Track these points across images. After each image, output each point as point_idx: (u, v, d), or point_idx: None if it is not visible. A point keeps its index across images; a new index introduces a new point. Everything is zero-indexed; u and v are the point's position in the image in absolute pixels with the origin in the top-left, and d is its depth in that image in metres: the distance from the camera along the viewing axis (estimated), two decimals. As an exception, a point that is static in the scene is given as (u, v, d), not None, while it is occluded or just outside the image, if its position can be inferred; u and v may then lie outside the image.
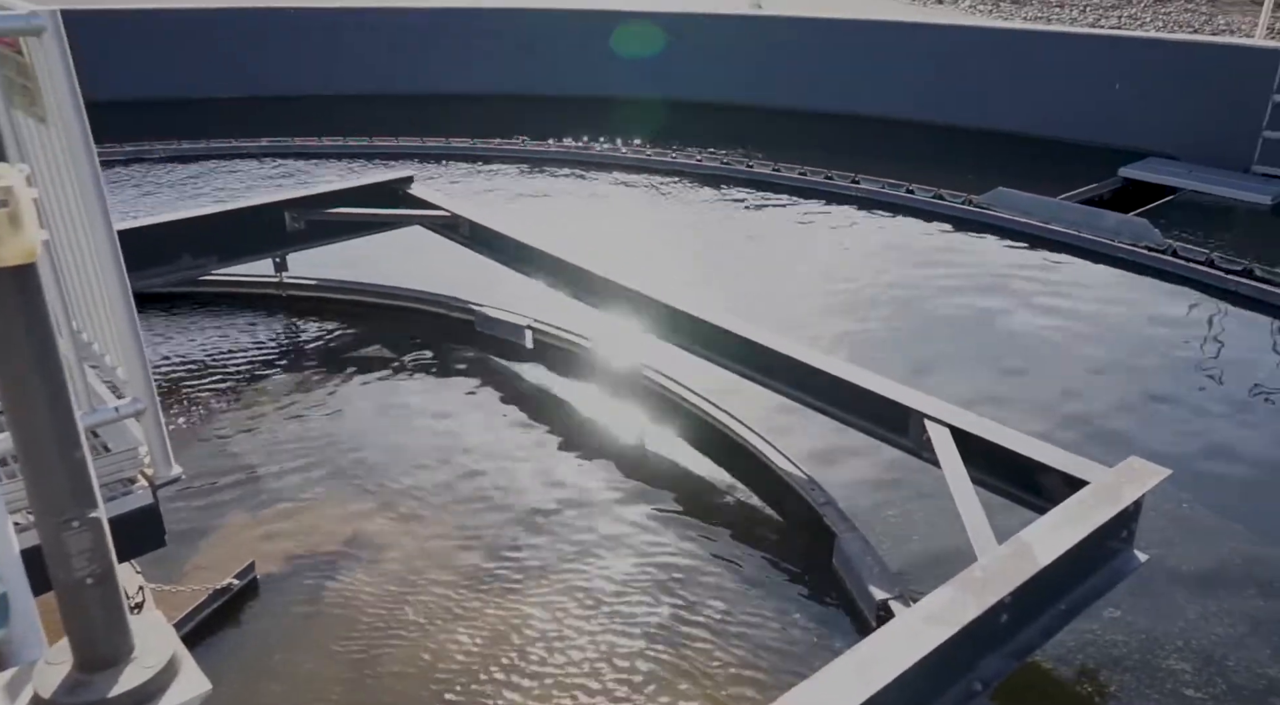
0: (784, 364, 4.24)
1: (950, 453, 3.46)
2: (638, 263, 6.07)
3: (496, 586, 3.61)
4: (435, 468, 4.38)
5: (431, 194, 6.22)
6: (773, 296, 6.50)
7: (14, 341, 1.40)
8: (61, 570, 1.52)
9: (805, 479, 4.19)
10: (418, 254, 6.44)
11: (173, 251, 5.29)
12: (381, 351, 5.59)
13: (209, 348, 5.56)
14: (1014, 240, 7.57)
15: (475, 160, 9.88)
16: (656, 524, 4.03)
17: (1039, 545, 2.82)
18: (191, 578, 3.53)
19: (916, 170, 8.92)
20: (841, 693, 2.24)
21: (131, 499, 2.27)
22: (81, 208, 2.14)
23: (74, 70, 2.00)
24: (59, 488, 1.48)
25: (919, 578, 3.65)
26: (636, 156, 9.79)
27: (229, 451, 4.48)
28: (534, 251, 5.41)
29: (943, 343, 5.82)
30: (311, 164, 9.64)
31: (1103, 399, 5.14)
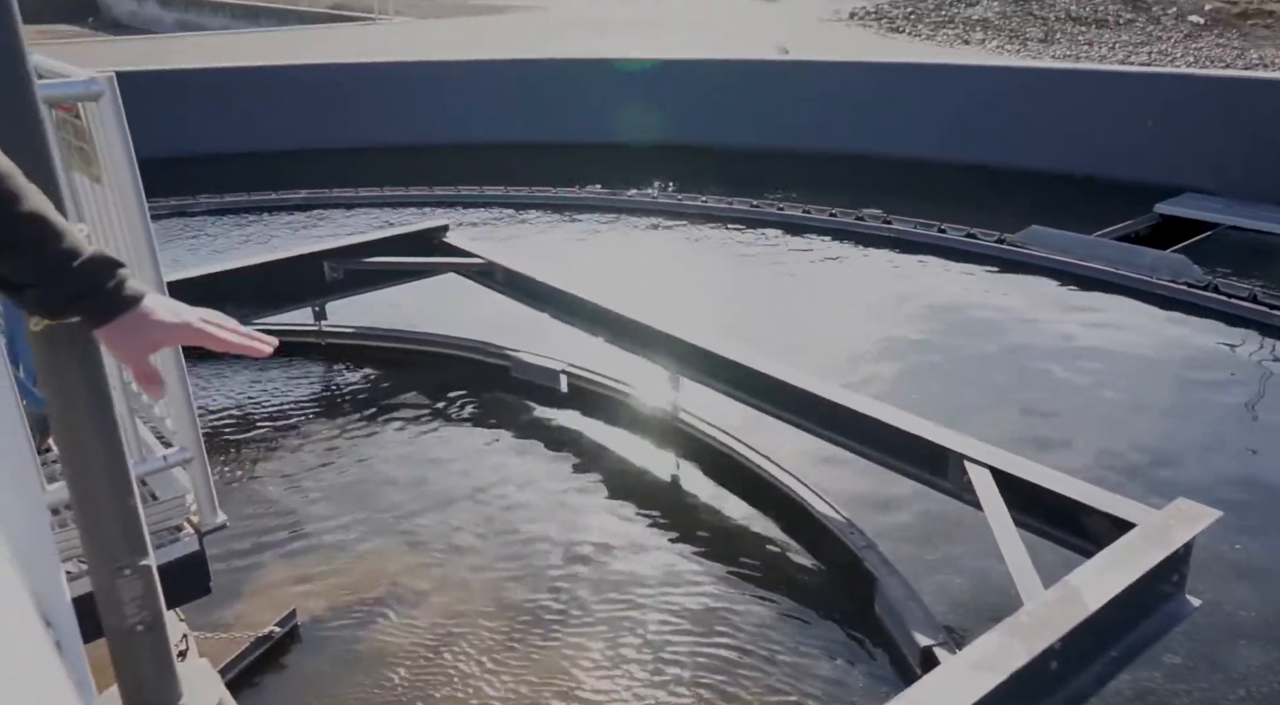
0: (820, 405, 4.22)
1: (992, 495, 3.41)
2: (671, 306, 6.10)
3: (537, 631, 3.60)
4: (472, 513, 4.39)
5: (466, 242, 6.32)
6: (806, 338, 6.49)
7: (73, 394, 1.44)
8: (113, 617, 1.54)
9: (844, 522, 4.15)
10: (454, 301, 6.52)
11: (217, 302, 5.36)
12: (419, 397, 5.65)
13: (251, 396, 5.65)
14: (1050, 278, 7.51)
15: (509, 207, 10.03)
16: (695, 569, 4.00)
17: (1087, 589, 2.76)
18: (233, 625, 3.55)
19: (948, 210, 8.92)
20: (888, 742, 2.20)
21: (179, 546, 2.31)
22: (134, 263, 2.21)
23: (129, 133, 2.08)
24: (113, 535, 1.51)
25: (964, 623, 3.58)
26: (668, 201, 9.88)
27: (269, 498, 4.53)
28: (568, 296, 5.46)
29: (980, 383, 5.76)
30: (350, 214, 9.84)
31: (1147, 439, 5.05)
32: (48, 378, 1.46)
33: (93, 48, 17.97)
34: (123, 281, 1.23)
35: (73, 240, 1.20)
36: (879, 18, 18.24)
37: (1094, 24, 16.75)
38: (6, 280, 1.19)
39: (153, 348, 1.28)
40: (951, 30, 16.62)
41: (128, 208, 2.12)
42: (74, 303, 1.22)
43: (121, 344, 1.25)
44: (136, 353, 1.26)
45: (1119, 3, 17.81)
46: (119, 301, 1.23)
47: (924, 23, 17.43)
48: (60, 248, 1.17)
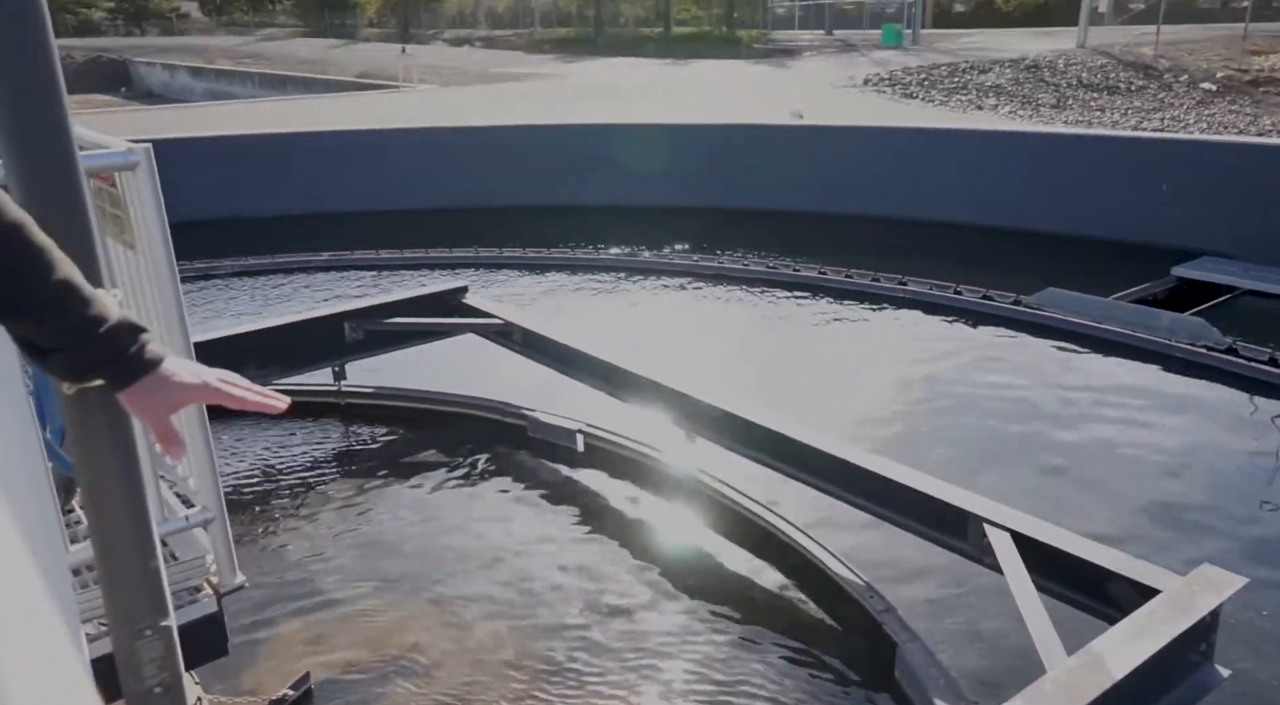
0: (837, 466, 4.21)
1: (1012, 559, 3.37)
2: (688, 366, 6.13)
3: (554, 693, 3.55)
4: (489, 573, 4.37)
5: (485, 303, 6.40)
6: (822, 398, 6.49)
7: (102, 456, 1.47)
8: (133, 679, 1.55)
9: (863, 586, 4.10)
10: (472, 361, 6.58)
11: (239, 362, 5.47)
12: (436, 456, 5.67)
13: (270, 455, 5.69)
14: (1066, 341, 7.50)
15: (527, 269, 10.16)
16: (712, 630, 3.95)
17: (1111, 657, 2.71)
18: (247, 689, 3.52)
19: (964, 272, 8.96)
20: (910, 815, 2.15)
21: (197, 607, 2.32)
22: (163, 325, 2.26)
23: (163, 201, 2.15)
24: (135, 596, 1.53)
25: (985, 690, 3.51)
26: (685, 262, 9.99)
27: (287, 558, 4.53)
28: (584, 356, 5.50)
29: (997, 445, 5.73)
30: (370, 276, 10.00)
31: (1167, 503, 4.98)
32: (77, 439, 1.50)
33: (124, 116, 18.51)
34: (144, 346, 1.29)
35: (99, 307, 1.25)
36: (892, 83, 18.56)
37: (1105, 90, 16.97)
38: (33, 345, 1.25)
39: (173, 408, 1.33)
40: (964, 96, 16.88)
41: (159, 272, 2.18)
42: (97, 367, 1.27)
43: (143, 405, 1.31)
44: (158, 413, 1.32)
45: (1130, 70, 18.07)
46: (140, 365, 1.29)
47: (937, 89, 17.71)
48: (87, 314, 1.23)
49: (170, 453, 1.37)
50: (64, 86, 1.59)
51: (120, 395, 1.31)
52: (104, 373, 1.28)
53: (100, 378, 1.29)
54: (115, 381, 1.29)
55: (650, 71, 24.33)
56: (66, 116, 1.58)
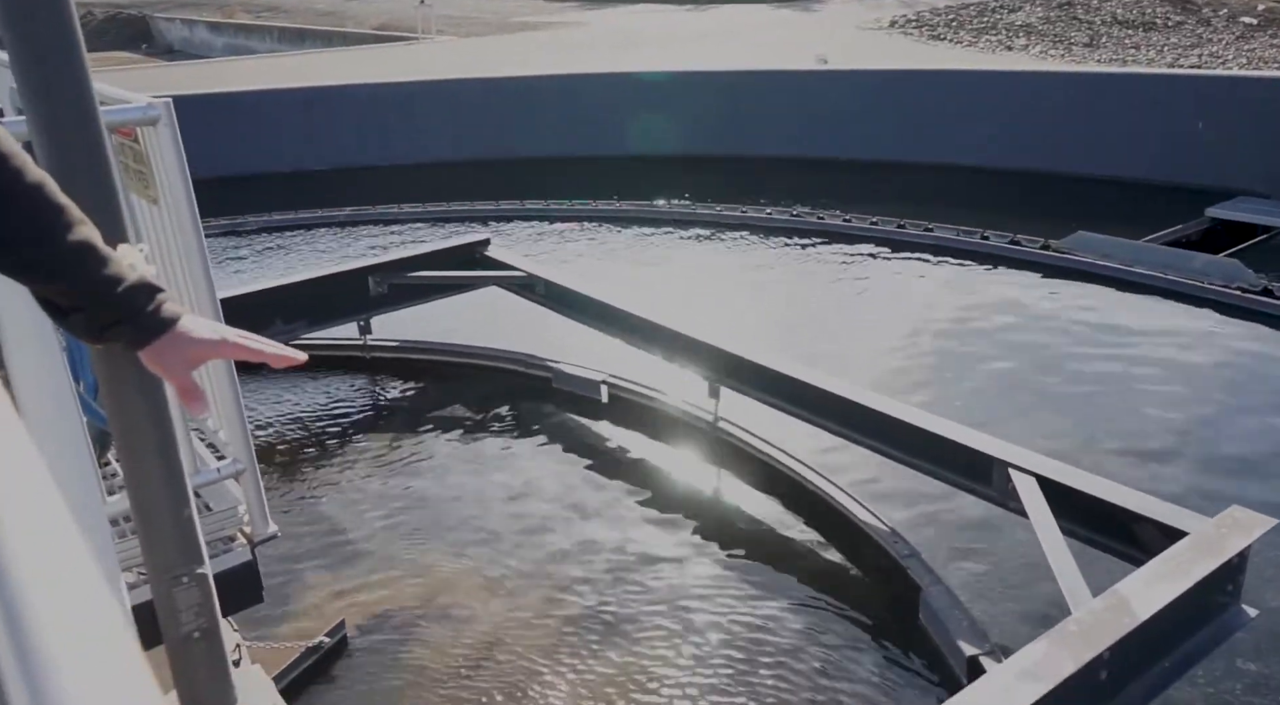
0: (861, 413, 4.20)
1: (1038, 503, 3.37)
2: (711, 315, 6.12)
3: (584, 641, 3.62)
4: (517, 523, 4.43)
5: (508, 255, 6.40)
6: (847, 345, 6.46)
7: (133, 409, 1.50)
8: (171, 624, 1.60)
9: (888, 531, 4.12)
10: (495, 313, 6.60)
11: (266, 318, 5.53)
12: (462, 410, 5.72)
13: (299, 409, 5.77)
14: (1097, 284, 7.39)
15: (550, 220, 10.13)
16: (737, 578, 4.00)
17: (1137, 598, 2.71)
18: (284, 635, 3.62)
19: (993, 217, 8.83)
20: (933, 752, 2.18)
21: (232, 556, 2.37)
22: (189, 280, 2.29)
23: (184, 155, 2.15)
24: (170, 545, 1.56)
25: (1009, 633, 3.54)
26: (707, 212, 9.91)
27: (318, 510, 4.62)
28: (607, 307, 5.50)
29: (1025, 390, 5.69)
30: (393, 230, 10.01)
31: (1198, 446, 4.94)
32: (110, 393, 1.52)
33: (148, 72, 18.50)
34: (161, 304, 1.31)
35: (117, 267, 1.27)
36: (920, 25, 18.12)
37: (1141, 27, 16.47)
38: (53, 304, 1.27)
39: (192, 364, 1.35)
40: (994, 36, 16.46)
41: (183, 228, 2.19)
42: (115, 326, 1.29)
43: (161, 362, 1.33)
44: (177, 369, 1.34)
45: (1167, 5, 17.50)
46: (157, 323, 1.31)
47: (965, 29, 17.28)
48: (104, 274, 1.25)
49: (192, 409, 1.39)
50: (83, 42, 1.59)
51: (140, 353, 1.33)
52: (122, 331, 1.30)
53: (119, 337, 1.31)
54: (133, 340, 1.30)
55: (674, 18, 23.90)
56: (86, 72, 1.58)
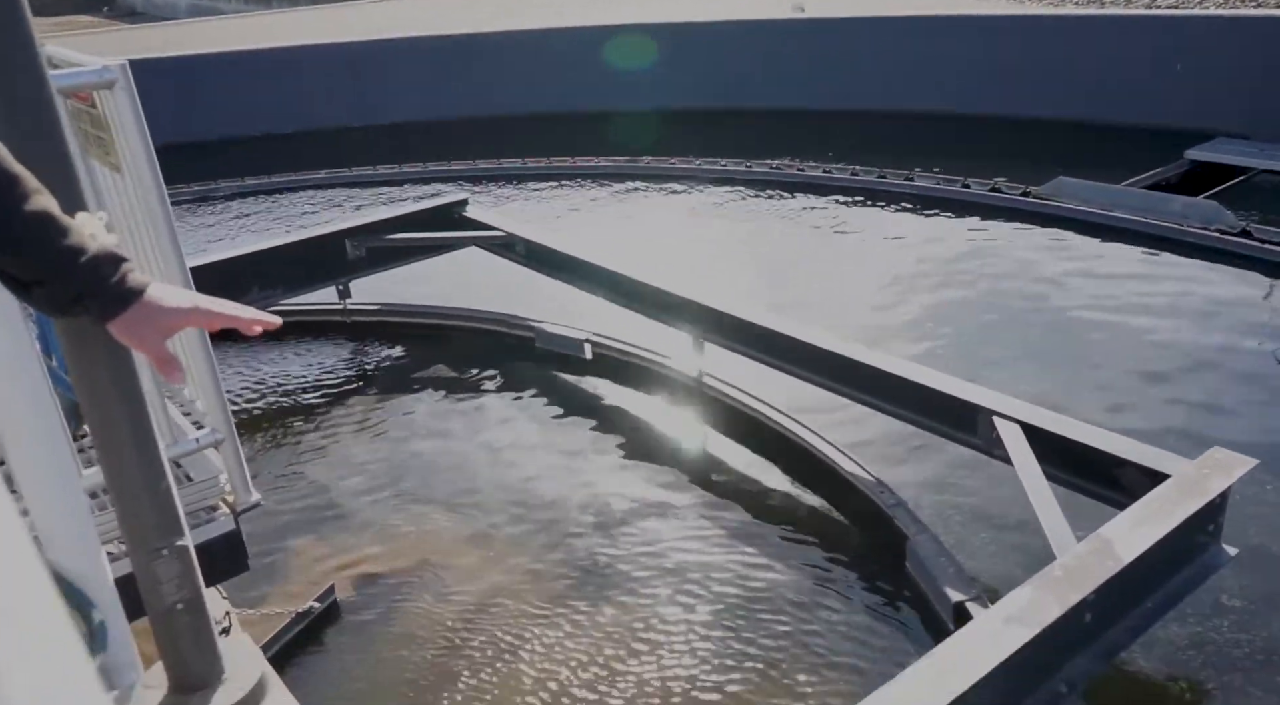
0: (845, 365, 4.20)
1: (1022, 450, 3.39)
2: (693, 271, 6.08)
3: (575, 598, 3.64)
4: (503, 484, 4.43)
5: (486, 215, 6.32)
6: (830, 298, 6.45)
7: (100, 382, 1.46)
8: (153, 597, 1.58)
9: (873, 481, 4.15)
10: (476, 274, 6.54)
11: (243, 284, 5.46)
12: (445, 371, 5.69)
13: (279, 376, 5.72)
14: (1077, 230, 7.39)
15: (527, 179, 10.01)
16: (724, 532, 4.02)
17: (1121, 542, 2.74)
18: (273, 602, 3.62)
19: (973, 164, 8.78)
20: (921, 696, 2.21)
21: (215, 526, 2.35)
22: (156, 249, 2.23)
23: (144, 119, 2.09)
24: (148, 518, 1.54)
25: (996, 579, 3.58)
26: (686, 166, 9.81)
27: (302, 476, 4.60)
28: (588, 265, 5.46)
29: (1008, 338, 5.71)
30: (369, 192, 9.87)
31: (1179, 389, 4.98)
32: (75, 365, 1.49)
33: (110, 36, 18.04)
34: (126, 274, 1.26)
35: (77, 238, 1.22)
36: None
37: (1118, -34, 16.28)
38: (14, 279, 1.22)
39: (165, 334, 1.31)
40: (971, -21, 16.21)
41: (146, 195, 2.13)
42: (80, 299, 1.24)
43: (133, 334, 1.29)
44: (150, 340, 1.30)
45: (1144, -58, 17.28)
46: (124, 294, 1.26)
47: (942, -28, 17.01)
48: (64, 245, 1.20)
49: (170, 378, 1.35)
50: (26, 4, 1.52)
51: (109, 326, 1.28)
52: (88, 305, 1.25)
53: (85, 310, 1.26)
54: (101, 313, 1.26)
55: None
56: (32, 35, 1.51)
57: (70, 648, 0.36)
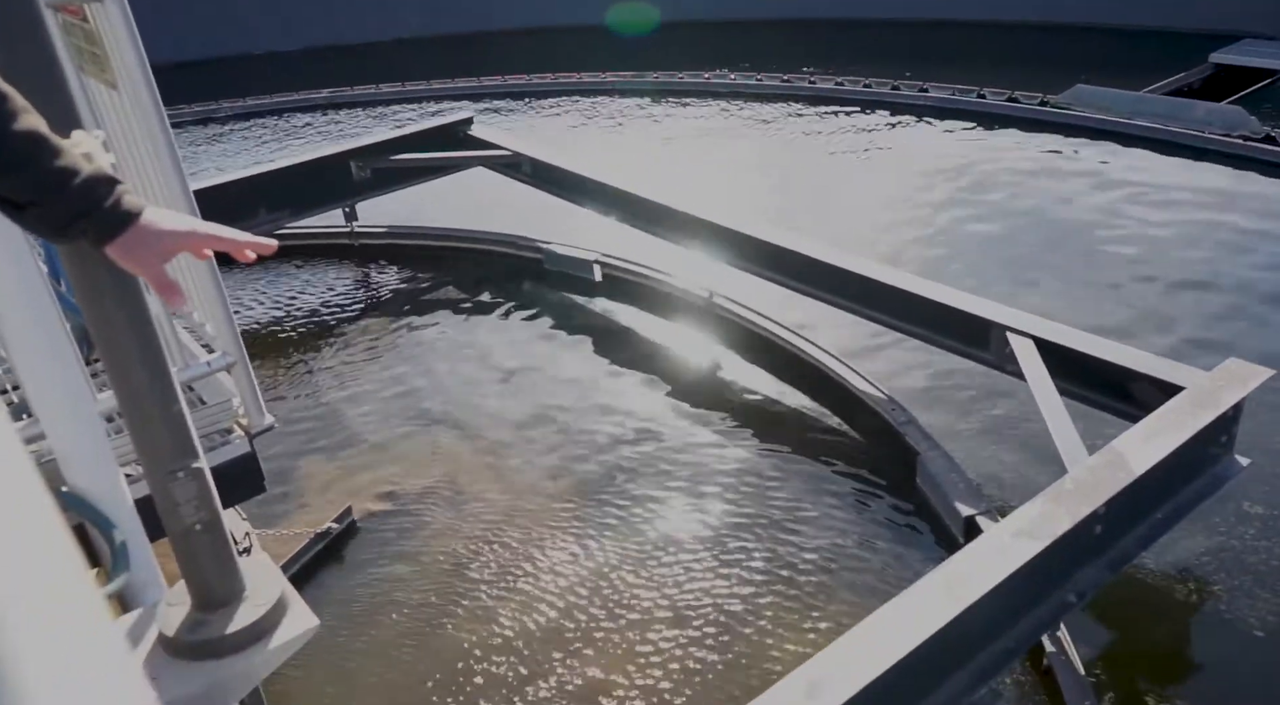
0: (856, 283, 4.16)
1: (1035, 365, 3.37)
2: (703, 189, 5.98)
3: (590, 514, 3.69)
4: (515, 404, 4.45)
5: (492, 133, 6.21)
6: (842, 214, 6.36)
7: (106, 303, 1.45)
8: (172, 518, 1.59)
9: (884, 398, 4.15)
10: (482, 195, 6.46)
11: (248, 208, 5.41)
12: (453, 293, 5.67)
13: (291, 300, 5.71)
14: (1095, 139, 7.21)
15: (534, 96, 9.80)
16: (736, 449, 4.05)
17: (1132, 454, 2.74)
18: (293, 522, 3.68)
19: (990, 74, 8.54)
20: (932, 608, 2.24)
21: (230, 448, 2.37)
22: (156, 169, 2.19)
23: (138, 34, 2.02)
24: (162, 441, 1.54)
25: (1007, 494, 3.61)
26: (696, 82, 9.57)
27: (315, 399, 4.63)
28: (597, 185, 5.37)
29: (1022, 252, 5.63)
30: (373, 112, 9.70)
31: (1198, 302, 4.92)
32: (81, 289, 1.47)
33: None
34: (121, 197, 1.23)
35: (70, 159, 1.19)
36: None
37: None
38: (7, 201, 1.19)
39: (164, 258, 1.29)
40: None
41: (145, 113, 2.08)
42: (76, 222, 1.21)
43: (132, 257, 1.26)
44: (149, 263, 1.27)
45: None
46: (120, 217, 1.23)
47: None
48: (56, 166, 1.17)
49: (171, 303, 1.33)
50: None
51: (107, 250, 1.26)
52: (84, 227, 1.22)
53: (82, 233, 1.23)
54: (97, 236, 1.23)
55: None
56: (15, -57, 1.45)
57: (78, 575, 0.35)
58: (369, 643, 3.18)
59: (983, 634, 2.42)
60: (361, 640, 3.19)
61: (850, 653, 2.14)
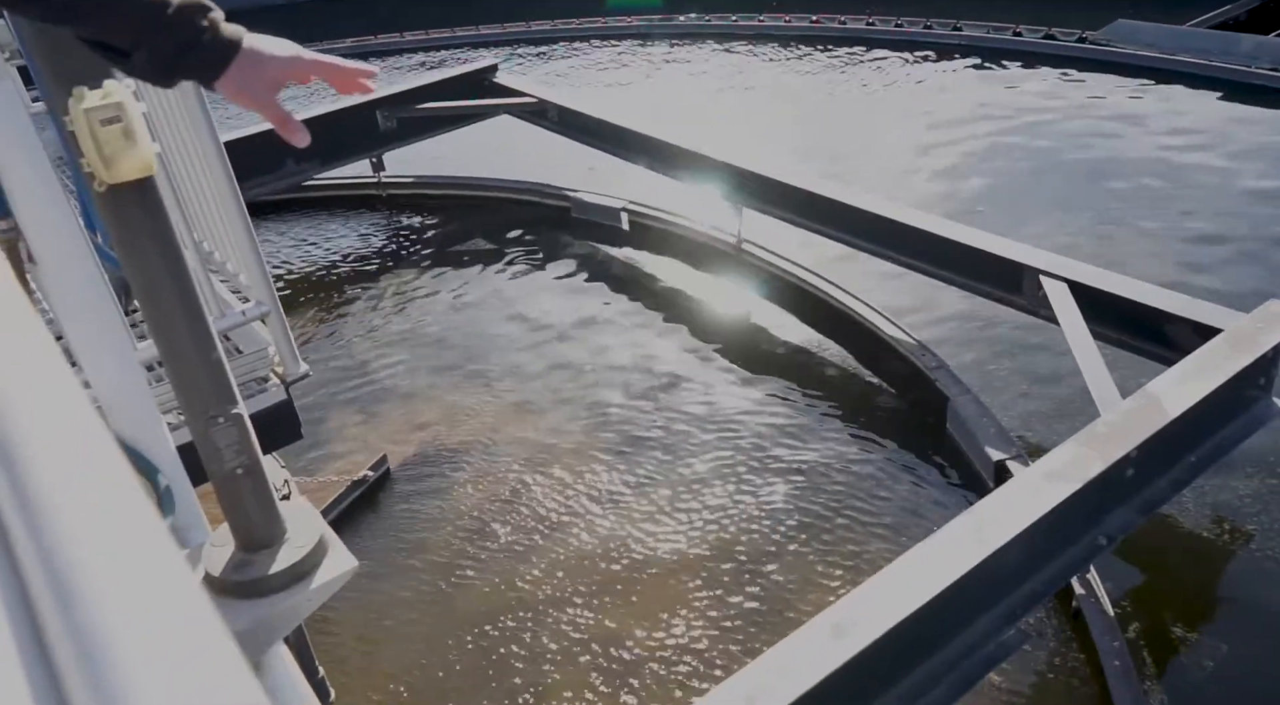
0: (887, 227, 4.12)
1: (1069, 308, 3.33)
2: (730, 134, 5.92)
3: (620, 465, 3.72)
4: (545, 356, 4.48)
5: (517, 81, 6.17)
6: (873, 157, 6.26)
7: (144, 254, 1.47)
8: (214, 462, 1.63)
9: (914, 344, 4.12)
10: (509, 143, 6.43)
11: (275, 158, 5.43)
12: (481, 244, 5.68)
13: (320, 250, 5.76)
14: (1137, 77, 7.01)
15: (557, 42, 9.68)
16: (766, 396, 4.05)
17: (1167, 397, 2.71)
18: (329, 470, 3.76)
19: (1024, 10, 8.30)
20: (962, 550, 2.25)
21: (267, 396, 2.41)
22: (187, 120, 2.20)
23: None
24: (202, 387, 1.57)
25: (1039, 437, 3.59)
26: (722, 24, 9.40)
27: (348, 349, 4.69)
28: (624, 131, 5.33)
29: (1059, 195, 5.52)
30: (397, 61, 9.63)
31: (1241, 244, 4.82)
32: (119, 238, 1.49)
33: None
34: (217, 24, 1.15)
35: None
36: None
37: None
38: (113, 49, 1.13)
39: (275, 88, 1.20)
40: None
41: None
42: (182, 57, 1.13)
43: (245, 89, 1.17)
44: (261, 96, 1.18)
45: None
46: (224, 46, 1.14)
47: None
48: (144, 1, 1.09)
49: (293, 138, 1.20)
50: None
51: (216, 85, 1.16)
52: (191, 62, 1.13)
53: (190, 70, 1.14)
54: (205, 70, 1.14)
55: None
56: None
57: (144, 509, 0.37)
58: (403, 588, 3.26)
59: (1011, 576, 2.43)
60: (395, 586, 3.27)
61: (877, 595, 2.16)
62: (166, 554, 0.36)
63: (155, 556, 0.35)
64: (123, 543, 0.36)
